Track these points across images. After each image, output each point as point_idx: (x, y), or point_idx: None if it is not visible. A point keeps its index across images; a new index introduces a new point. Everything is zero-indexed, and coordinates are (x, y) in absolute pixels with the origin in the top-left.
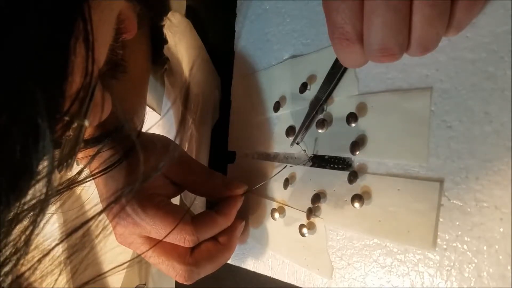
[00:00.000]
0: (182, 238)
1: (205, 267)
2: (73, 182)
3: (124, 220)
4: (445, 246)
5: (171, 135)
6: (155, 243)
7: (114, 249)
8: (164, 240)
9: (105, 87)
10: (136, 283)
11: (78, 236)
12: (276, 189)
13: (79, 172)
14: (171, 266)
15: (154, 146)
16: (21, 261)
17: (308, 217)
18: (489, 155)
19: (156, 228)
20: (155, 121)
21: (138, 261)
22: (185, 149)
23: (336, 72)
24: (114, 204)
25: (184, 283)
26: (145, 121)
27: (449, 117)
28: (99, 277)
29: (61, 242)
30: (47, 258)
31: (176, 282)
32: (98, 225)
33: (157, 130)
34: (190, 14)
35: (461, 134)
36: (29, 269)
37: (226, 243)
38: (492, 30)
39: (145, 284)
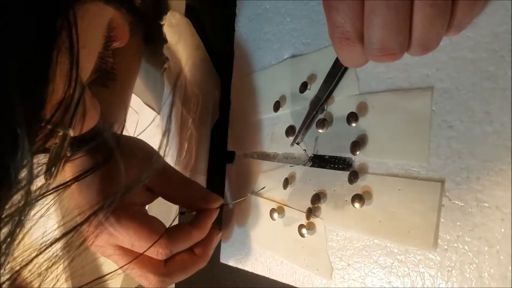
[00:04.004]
0: (155, 251)
1: (178, 277)
2: (47, 190)
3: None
4: (446, 247)
5: (171, 137)
6: (133, 258)
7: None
8: (137, 251)
9: (94, 95)
10: (136, 283)
11: (60, 247)
12: (276, 189)
13: (49, 177)
14: (144, 277)
15: (134, 154)
16: (1, 270)
17: (308, 217)
18: (490, 155)
19: (130, 239)
20: (157, 121)
21: (120, 273)
22: (185, 149)
23: (337, 72)
24: (94, 217)
25: None
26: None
27: (450, 117)
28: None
29: (40, 253)
30: (29, 268)
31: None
32: (78, 237)
33: (157, 130)
34: (190, 13)
35: (462, 134)
36: (8, 279)
37: (202, 254)
38: (493, 30)
39: None
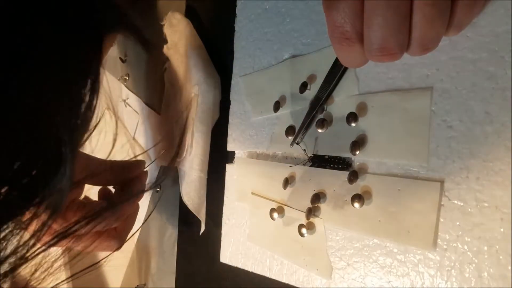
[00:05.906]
0: (109, 224)
1: (129, 231)
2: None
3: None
4: (445, 247)
5: (174, 136)
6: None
7: None
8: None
9: None
10: (135, 283)
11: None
12: (275, 189)
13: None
14: (106, 245)
15: None
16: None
17: (308, 217)
18: (490, 155)
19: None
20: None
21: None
22: (185, 149)
23: (336, 72)
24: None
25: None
26: None
27: (449, 117)
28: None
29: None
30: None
31: (176, 282)
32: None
33: (156, 130)
34: (190, 13)
35: (462, 134)
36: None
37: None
38: (493, 30)
39: (144, 285)
